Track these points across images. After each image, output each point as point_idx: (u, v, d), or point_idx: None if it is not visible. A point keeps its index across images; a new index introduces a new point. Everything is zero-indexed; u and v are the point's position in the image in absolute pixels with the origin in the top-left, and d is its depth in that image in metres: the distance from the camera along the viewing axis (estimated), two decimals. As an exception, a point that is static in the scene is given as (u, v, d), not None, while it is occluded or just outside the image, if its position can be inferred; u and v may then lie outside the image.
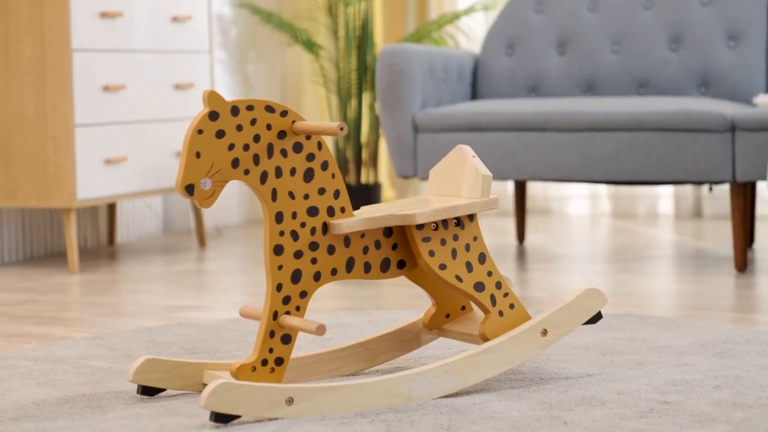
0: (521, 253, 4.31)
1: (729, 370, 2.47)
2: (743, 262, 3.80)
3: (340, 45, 5.44)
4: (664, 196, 5.49)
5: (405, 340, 2.54)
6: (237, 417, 2.12)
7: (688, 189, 5.41)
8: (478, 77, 4.51)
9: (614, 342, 2.76)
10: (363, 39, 5.40)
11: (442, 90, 4.28)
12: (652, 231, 4.90)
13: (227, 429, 2.11)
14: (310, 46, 5.37)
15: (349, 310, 3.28)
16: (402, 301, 3.43)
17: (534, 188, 5.64)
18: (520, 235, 4.56)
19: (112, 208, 4.75)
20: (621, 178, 3.88)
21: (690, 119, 3.77)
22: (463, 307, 2.52)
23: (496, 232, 4.94)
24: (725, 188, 5.29)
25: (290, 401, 2.14)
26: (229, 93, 5.35)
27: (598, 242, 4.59)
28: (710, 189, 4.34)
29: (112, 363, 2.65)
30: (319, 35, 5.65)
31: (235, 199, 5.41)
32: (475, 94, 4.52)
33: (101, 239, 4.79)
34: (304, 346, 2.81)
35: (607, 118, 3.85)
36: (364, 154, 5.50)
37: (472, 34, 5.63)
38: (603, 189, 5.59)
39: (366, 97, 5.50)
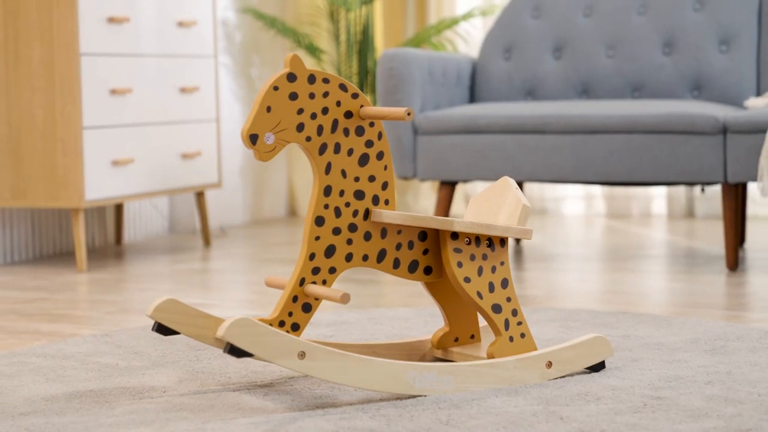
0: (518, 253, 4.32)
1: (721, 366, 2.47)
2: (734, 261, 3.80)
3: (342, 49, 5.44)
4: (658, 196, 5.49)
5: (411, 353, 2.55)
6: (250, 355, 2.10)
7: (680, 190, 5.41)
8: (476, 81, 4.51)
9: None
10: (364, 44, 5.40)
11: (441, 93, 4.28)
12: (646, 231, 4.90)
13: (232, 425, 2.11)
14: (313, 50, 5.37)
15: (351, 308, 3.29)
16: (402, 300, 3.43)
17: (531, 189, 5.64)
18: (517, 234, 4.56)
19: (119, 209, 4.75)
20: (615, 180, 3.88)
21: (683, 122, 3.77)
22: (473, 336, 2.53)
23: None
24: (717, 189, 5.29)
25: (302, 355, 2.15)
26: (233, 96, 5.35)
27: (593, 242, 4.59)
28: (702, 190, 4.34)
29: (119, 359, 2.65)
30: (321, 40, 5.65)
31: (239, 200, 5.42)
32: (473, 98, 4.52)
33: (108, 239, 4.79)
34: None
35: (602, 120, 3.85)
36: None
37: (470, 38, 5.63)
38: (598, 190, 5.59)
39: (367, 101, 5.50)
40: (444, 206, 4.09)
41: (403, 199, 5.66)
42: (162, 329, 2.33)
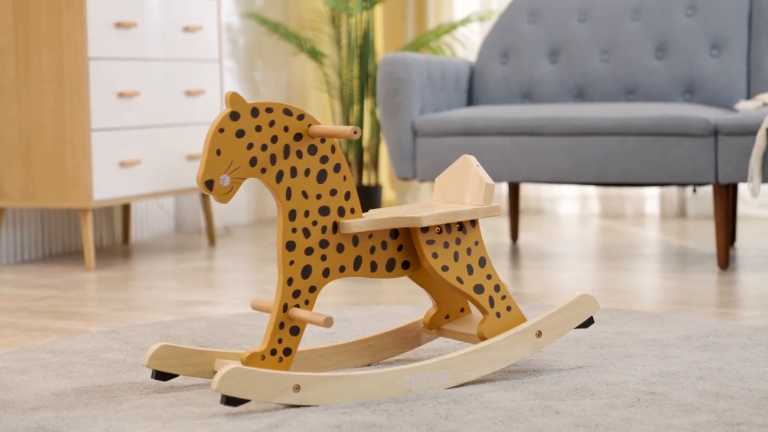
0: (515, 252, 4.32)
1: (712, 362, 2.47)
2: (725, 259, 3.80)
3: (343, 54, 5.44)
4: (651, 197, 5.49)
5: (406, 338, 2.55)
6: (247, 401, 2.12)
7: (673, 190, 5.41)
8: (473, 84, 4.51)
9: (603, 335, 2.76)
10: (364, 48, 5.40)
11: (440, 96, 4.28)
12: (639, 230, 4.90)
13: (237, 419, 2.11)
14: (315, 54, 5.37)
15: (352, 306, 3.29)
16: (401, 297, 3.43)
17: (527, 190, 5.64)
18: (514, 234, 4.56)
19: (126, 209, 4.75)
20: (609, 180, 3.88)
21: (675, 124, 3.77)
22: (462, 309, 2.52)
23: (491, 232, 4.94)
24: (708, 190, 5.29)
25: (297, 388, 2.15)
26: (237, 99, 5.35)
27: (588, 241, 4.59)
28: (694, 190, 4.34)
29: (126, 355, 2.65)
30: (323, 44, 5.65)
31: (243, 200, 5.42)
32: (471, 101, 4.52)
33: (116, 238, 4.79)
34: (309, 340, 2.81)
35: (597, 123, 3.85)
36: (366, 158, 5.50)
37: (468, 43, 5.63)
38: (592, 190, 5.59)
39: (367, 104, 5.50)
40: (443, 206, 4.09)
41: (403, 200, 5.66)
42: (160, 375, 2.34)
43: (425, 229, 2.33)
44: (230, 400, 2.11)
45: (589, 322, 2.44)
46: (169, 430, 2.05)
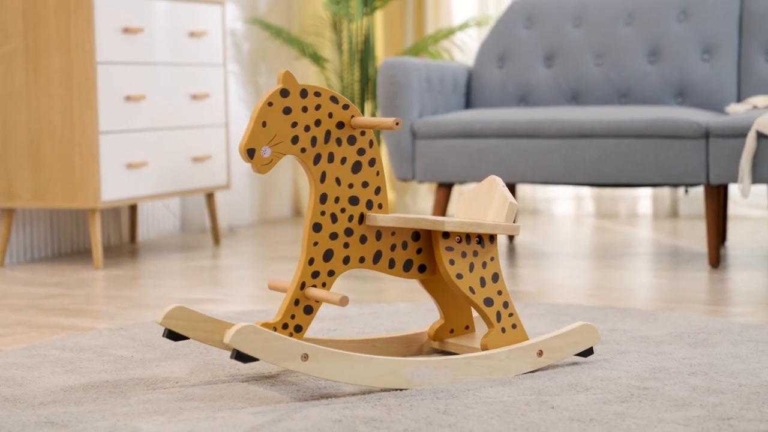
0: (511, 251, 4.32)
1: (703, 358, 2.47)
2: (716, 258, 3.80)
3: (344, 58, 5.44)
4: (643, 197, 5.49)
5: (409, 345, 2.55)
6: (255, 359, 2.11)
7: (665, 191, 5.41)
8: (471, 88, 4.51)
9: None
10: (365, 53, 5.40)
11: (438, 100, 4.28)
12: (632, 230, 4.90)
13: (241, 414, 2.11)
14: (317, 59, 5.37)
15: (353, 303, 3.29)
16: (402, 296, 3.43)
17: (523, 190, 5.64)
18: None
19: (133, 209, 4.75)
20: (603, 181, 3.88)
21: (667, 127, 3.77)
22: (467, 327, 2.53)
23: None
24: (700, 190, 5.29)
25: (305, 357, 2.15)
26: (241, 103, 5.35)
27: (583, 240, 4.59)
28: (686, 191, 4.34)
29: (133, 352, 2.65)
30: (325, 49, 5.65)
31: (247, 201, 5.42)
32: (468, 104, 4.52)
33: (123, 238, 4.79)
34: (313, 335, 2.80)
35: (591, 125, 3.85)
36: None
37: (465, 48, 5.63)
38: (587, 191, 5.59)
39: (368, 106, 5.50)
40: (441, 207, 4.10)
41: (402, 200, 5.66)
42: (172, 335, 2.34)
43: (446, 236, 2.35)
44: (240, 356, 2.10)
45: (589, 352, 2.45)
46: (176, 424, 2.05)
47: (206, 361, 2.52)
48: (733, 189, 5.20)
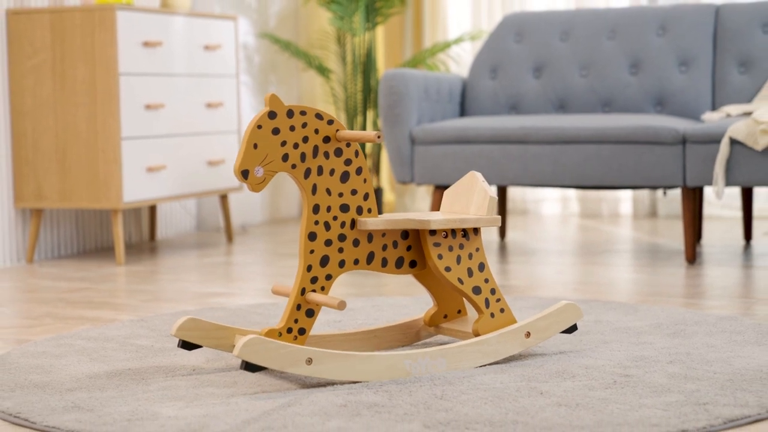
0: (503, 248, 4.32)
1: (681, 347, 2.47)
2: (692, 255, 3.80)
3: (348, 70, 5.44)
4: (625, 198, 5.49)
5: (407, 333, 2.55)
6: (263, 368, 2.12)
7: (645, 193, 5.41)
8: (466, 97, 4.51)
9: (582, 324, 2.76)
10: (367, 64, 5.40)
11: (435, 108, 4.28)
12: (615, 229, 4.90)
13: (254, 399, 2.11)
14: (322, 70, 5.37)
15: (356, 296, 3.29)
16: (401, 290, 3.43)
17: (514, 192, 5.64)
18: (502, 232, 4.56)
19: (152, 209, 4.75)
20: (588, 184, 3.88)
21: (647, 133, 3.77)
22: (459, 311, 2.53)
23: (482, 230, 4.93)
24: (677, 192, 5.29)
25: (309, 361, 2.15)
26: (252, 111, 5.35)
27: (569, 238, 4.59)
28: (664, 193, 4.34)
29: (154, 342, 2.65)
30: (330, 61, 5.65)
31: (258, 200, 5.42)
32: (463, 112, 4.52)
33: (144, 236, 4.79)
34: (319, 329, 2.81)
35: (577, 132, 3.85)
36: (368, 163, 5.51)
37: (460, 60, 5.63)
38: (572, 193, 5.59)
39: (370, 114, 5.50)
40: (438, 207, 4.10)
41: (401, 201, 5.66)
42: (186, 345, 2.34)
43: (433, 233, 2.35)
44: (249, 366, 2.11)
45: (573, 328, 2.45)
46: (193, 409, 2.05)
47: (221, 351, 2.52)
48: (708, 191, 5.20)
